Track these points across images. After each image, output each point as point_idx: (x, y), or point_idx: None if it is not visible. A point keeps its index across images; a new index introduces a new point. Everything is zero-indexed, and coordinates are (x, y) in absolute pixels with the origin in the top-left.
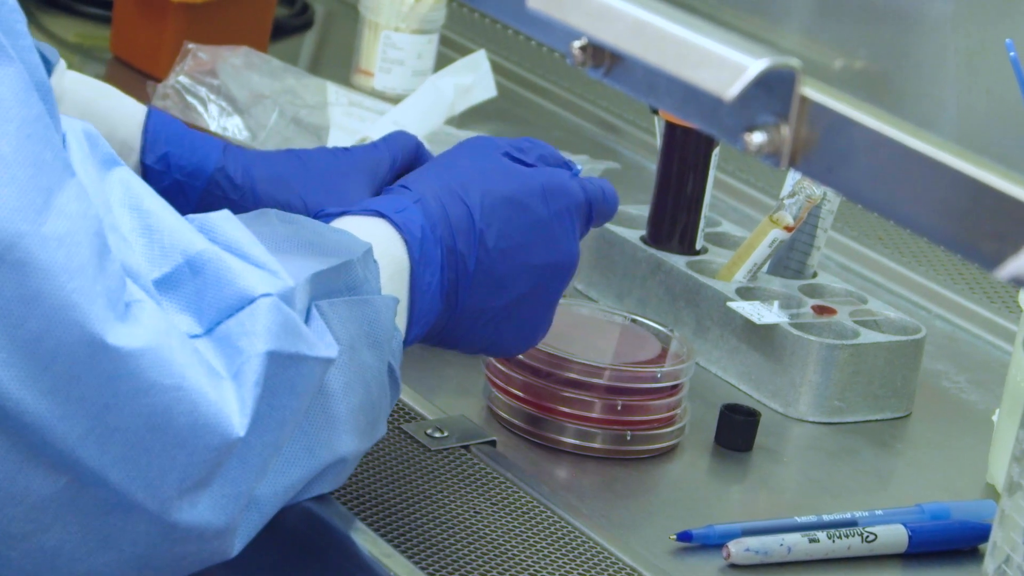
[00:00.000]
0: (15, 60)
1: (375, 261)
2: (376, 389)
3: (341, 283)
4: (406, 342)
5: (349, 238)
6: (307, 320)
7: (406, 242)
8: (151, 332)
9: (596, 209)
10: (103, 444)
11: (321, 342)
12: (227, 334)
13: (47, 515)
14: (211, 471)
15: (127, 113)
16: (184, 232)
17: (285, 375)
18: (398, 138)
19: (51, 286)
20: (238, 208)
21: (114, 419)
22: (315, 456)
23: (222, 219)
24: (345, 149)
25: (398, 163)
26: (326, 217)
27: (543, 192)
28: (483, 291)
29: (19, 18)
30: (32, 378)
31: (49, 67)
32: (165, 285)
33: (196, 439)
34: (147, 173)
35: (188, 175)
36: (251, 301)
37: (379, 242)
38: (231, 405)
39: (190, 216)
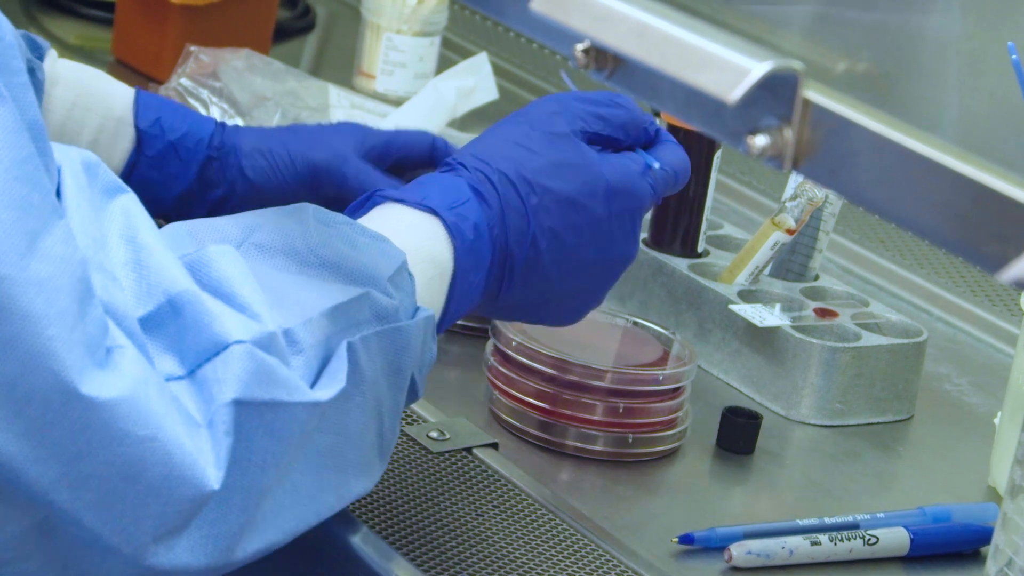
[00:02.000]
0: (7, 99)
1: (410, 275)
2: (389, 419)
3: (366, 312)
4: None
5: (383, 249)
6: (331, 357)
7: (455, 247)
8: (129, 380)
9: (662, 195)
10: (76, 489)
11: (314, 386)
12: (204, 379)
13: (26, 545)
14: (187, 519)
15: (120, 92)
16: (169, 270)
17: (261, 421)
18: (411, 132)
19: (29, 332)
20: (227, 169)
21: (87, 466)
22: (323, 504)
23: (218, 253)
24: (333, 123)
25: (397, 146)
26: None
27: (607, 193)
28: (527, 288)
29: (15, 54)
30: (5, 420)
31: (40, 54)
32: (150, 324)
33: (170, 490)
34: (143, 138)
35: (182, 136)
36: (225, 347)
37: (424, 246)
38: (206, 456)
39: (195, 225)
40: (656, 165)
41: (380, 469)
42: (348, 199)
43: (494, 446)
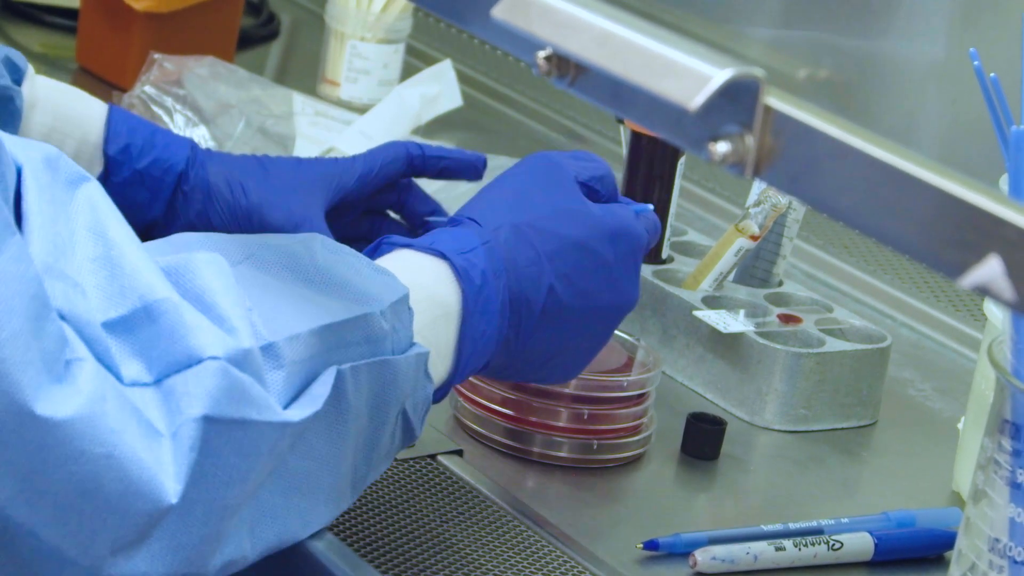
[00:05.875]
0: None
1: (409, 309)
2: (365, 452)
3: (359, 335)
4: (452, 383)
5: (387, 280)
6: (316, 378)
7: (463, 290)
8: (85, 397)
9: (651, 244)
10: (32, 505)
11: (292, 403)
12: (172, 390)
13: None
14: (146, 531)
15: (96, 115)
16: (146, 274)
17: (229, 437)
18: (383, 150)
19: None
20: (192, 203)
21: (43, 483)
22: (287, 527)
23: (204, 262)
24: (309, 160)
25: (375, 175)
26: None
27: (611, 236)
28: (544, 335)
29: None
30: None
31: (20, 75)
32: (120, 327)
33: (127, 505)
34: (110, 164)
35: (149, 164)
36: (199, 361)
37: (430, 285)
38: (166, 469)
39: (177, 238)
40: (644, 211)
41: (349, 500)
42: None
43: (459, 453)
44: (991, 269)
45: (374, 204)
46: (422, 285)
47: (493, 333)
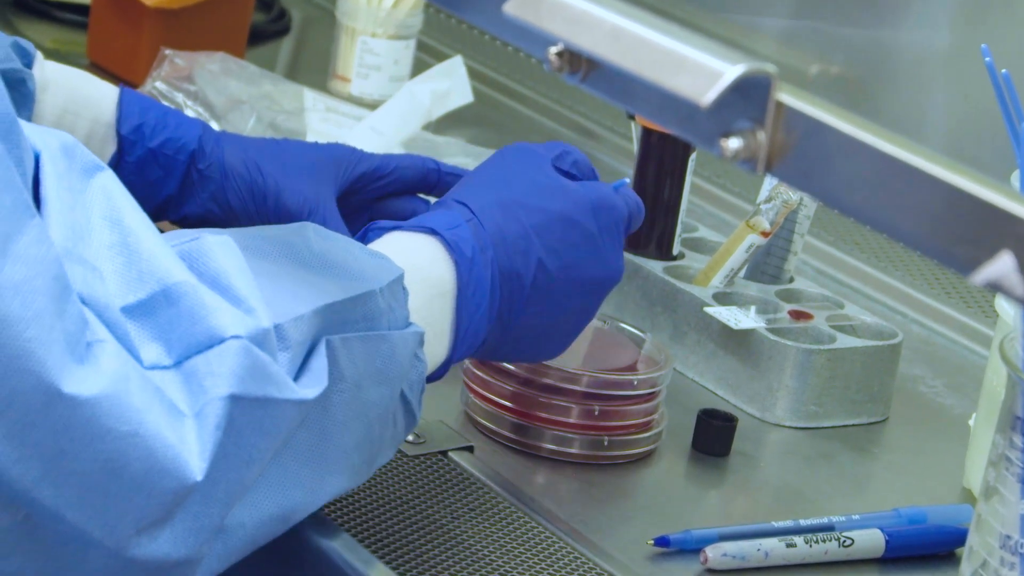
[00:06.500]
0: None
1: (404, 289)
2: (379, 427)
3: (358, 313)
4: (451, 361)
5: (381, 263)
6: (311, 354)
7: (456, 263)
8: (109, 376)
9: (633, 221)
10: (59, 487)
11: (295, 383)
12: (194, 370)
13: (6, 544)
14: (170, 510)
15: (108, 94)
16: (163, 259)
17: (252, 416)
18: (402, 156)
19: (6, 335)
20: (209, 183)
21: (69, 464)
22: (288, 497)
23: (216, 244)
24: (325, 144)
25: (390, 171)
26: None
27: (593, 209)
28: (537, 309)
29: None
30: None
31: (29, 60)
32: (139, 311)
33: (152, 483)
34: (123, 143)
35: (162, 143)
36: (221, 341)
37: (424, 264)
38: (191, 447)
39: (185, 233)
40: (621, 186)
41: (363, 473)
42: None
43: (470, 449)
44: (1003, 265)
45: (385, 215)
46: (417, 267)
47: (486, 308)
